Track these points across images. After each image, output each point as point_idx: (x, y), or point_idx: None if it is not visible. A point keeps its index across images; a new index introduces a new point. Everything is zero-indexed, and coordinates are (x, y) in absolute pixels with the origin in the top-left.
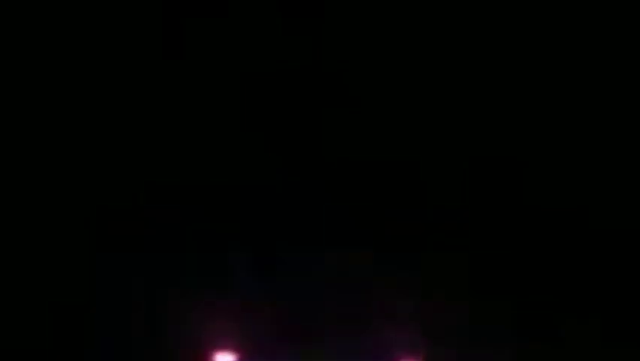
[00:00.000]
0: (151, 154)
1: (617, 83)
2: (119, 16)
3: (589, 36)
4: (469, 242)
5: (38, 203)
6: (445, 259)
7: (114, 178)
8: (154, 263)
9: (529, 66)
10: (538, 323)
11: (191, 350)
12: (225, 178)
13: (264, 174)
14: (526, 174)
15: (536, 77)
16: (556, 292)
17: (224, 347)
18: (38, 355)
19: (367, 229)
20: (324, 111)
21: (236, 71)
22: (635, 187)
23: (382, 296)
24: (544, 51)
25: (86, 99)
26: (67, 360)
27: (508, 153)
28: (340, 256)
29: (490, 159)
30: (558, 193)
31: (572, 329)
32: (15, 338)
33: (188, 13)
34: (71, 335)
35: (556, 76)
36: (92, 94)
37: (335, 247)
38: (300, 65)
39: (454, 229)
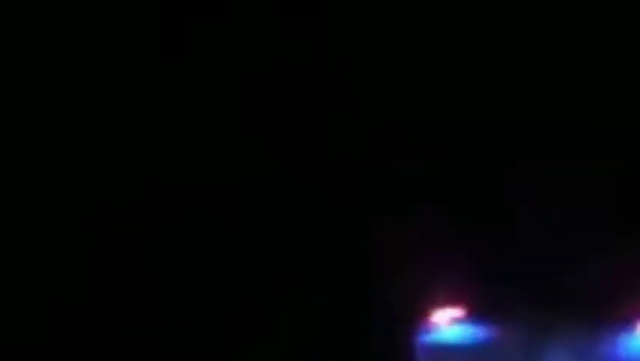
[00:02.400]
0: (151, 154)
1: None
2: (119, 16)
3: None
4: None
5: (38, 203)
6: None
7: (114, 178)
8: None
9: (529, 72)
10: None
11: (413, 304)
12: (225, 178)
13: (263, 174)
14: None
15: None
16: None
17: (448, 302)
18: None
19: None
20: (324, 111)
21: (236, 71)
22: None
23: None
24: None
25: (86, 99)
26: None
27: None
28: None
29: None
30: None
31: None
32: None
33: (188, 13)
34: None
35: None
36: (92, 94)
37: None
38: (300, 65)
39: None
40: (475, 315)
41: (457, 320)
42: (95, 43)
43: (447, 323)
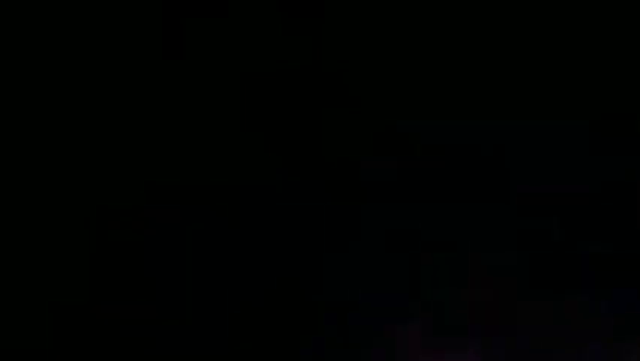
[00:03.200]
0: (151, 154)
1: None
2: (119, 16)
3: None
4: None
5: (38, 203)
6: None
7: (114, 178)
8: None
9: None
10: None
11: None
12: (225, 178)
13: (264, 174)
14: None
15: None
16: None
17: None
18: None
19: None
20: (324, 111)
21: (236, 71)
22: None
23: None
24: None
25: (86, 99)
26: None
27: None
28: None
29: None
30: None
31: None
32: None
33: (188, 13)
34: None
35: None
36: (91, 94)
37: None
38: (300, 65)
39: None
40: None
41: None
42: (95, 42)
43: None
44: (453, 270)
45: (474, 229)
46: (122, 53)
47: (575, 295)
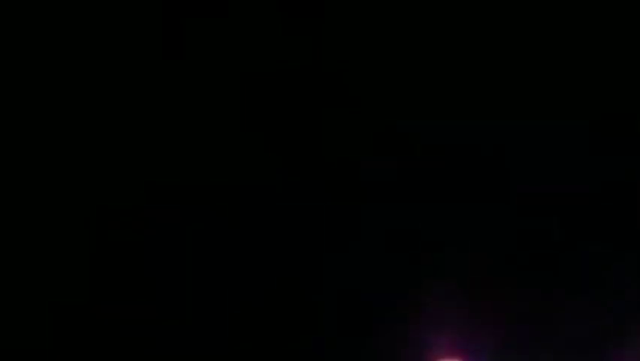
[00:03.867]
0: (151, 154)
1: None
2: (119, 16)
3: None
4: None
5: (38, 203)
6: None
7: (114, 178)
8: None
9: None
10: None
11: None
12: (225, 178)
13: (264, 174)
14: None
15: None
16: None
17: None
18: None
19: None
20: (324, 111)
21: (236, 71)
22: None
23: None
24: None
25: (86, 99)
26: None
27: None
28: None
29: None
30: None
31: None
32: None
33: (188, 13)
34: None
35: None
36: (91, 93)
37: None
38: (300, 65)
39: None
40: None
41: None
42: (95, 42)
43: None
44: (453, 270)
45: (474, 229)
46: (123, 53)
47: (574, 295)
